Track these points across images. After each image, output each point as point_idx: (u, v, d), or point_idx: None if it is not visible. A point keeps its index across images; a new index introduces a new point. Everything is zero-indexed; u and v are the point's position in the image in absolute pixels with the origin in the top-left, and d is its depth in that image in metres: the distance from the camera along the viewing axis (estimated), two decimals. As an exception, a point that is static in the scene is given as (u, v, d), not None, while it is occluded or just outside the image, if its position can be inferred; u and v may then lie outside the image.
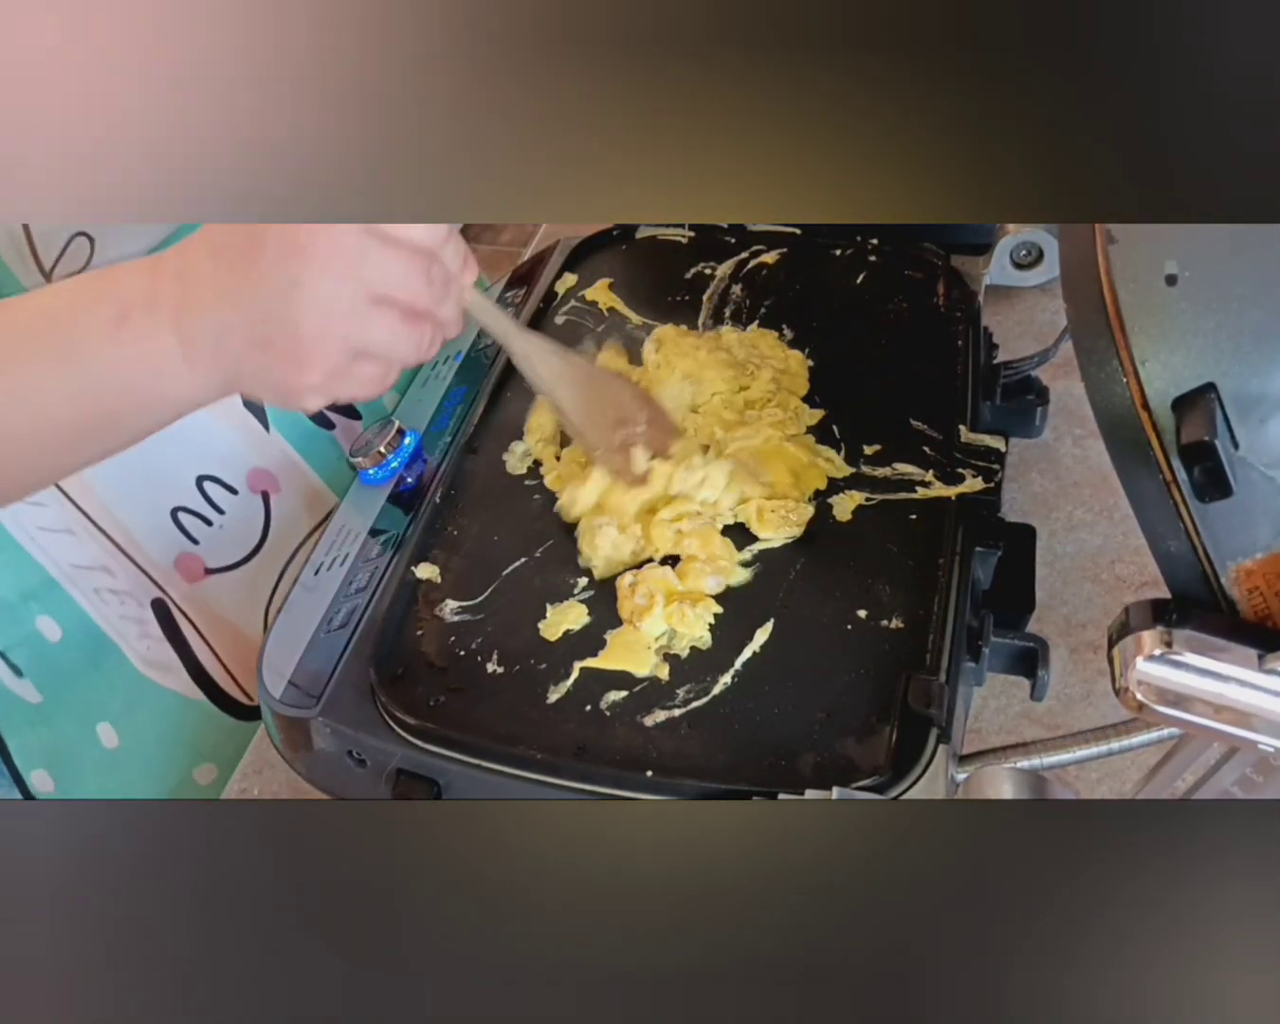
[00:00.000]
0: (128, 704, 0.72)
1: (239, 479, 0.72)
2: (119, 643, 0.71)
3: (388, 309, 0.49)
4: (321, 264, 0.47)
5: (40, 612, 0.69)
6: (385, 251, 0.48)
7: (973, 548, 0.59)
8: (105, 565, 0.70)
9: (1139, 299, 0.36)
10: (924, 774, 0.49)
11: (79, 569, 0.69)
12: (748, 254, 0.81)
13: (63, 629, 0.70)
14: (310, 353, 0.49)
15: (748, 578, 0.59)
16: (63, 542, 0.68)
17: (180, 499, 0.71)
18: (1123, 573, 0.70)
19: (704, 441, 0.65)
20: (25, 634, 0.69)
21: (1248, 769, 0.42)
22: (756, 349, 0.71)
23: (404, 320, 0.50)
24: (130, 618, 0.71)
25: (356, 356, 0.50)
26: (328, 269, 0.47)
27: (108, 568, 0.70)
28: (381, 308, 0.49)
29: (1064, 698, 0.64)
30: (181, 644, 0.73)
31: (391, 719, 0.55)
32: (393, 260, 0.48)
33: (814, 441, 0.65)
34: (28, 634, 0.69)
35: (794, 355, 0.71)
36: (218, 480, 0.71)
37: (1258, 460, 0.36)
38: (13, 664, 0.70)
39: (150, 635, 0.72)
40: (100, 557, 0.69)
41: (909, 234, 0.80)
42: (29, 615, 0.69)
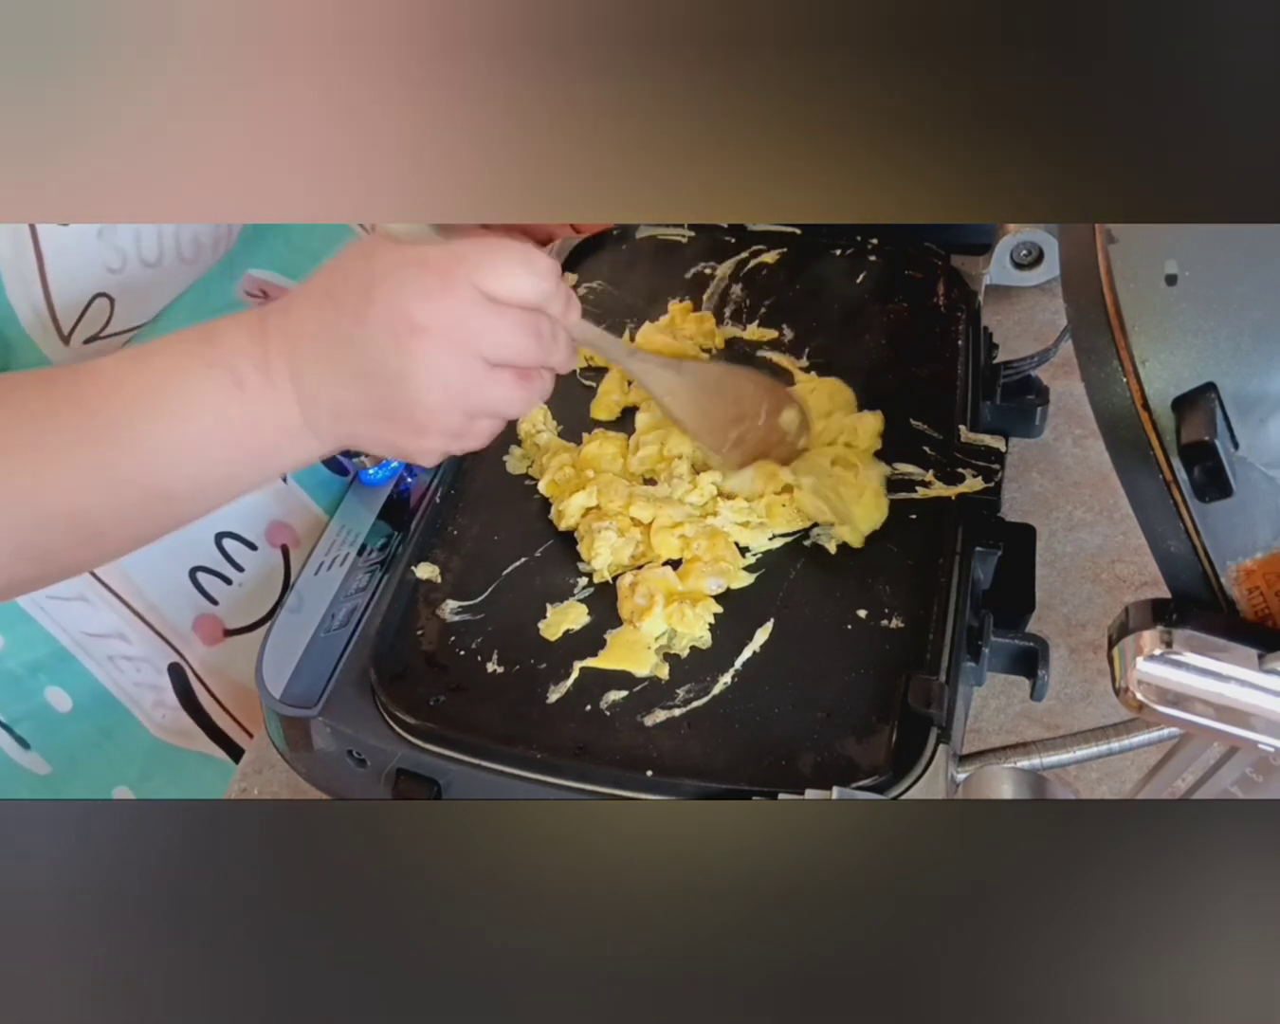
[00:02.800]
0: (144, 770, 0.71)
1: (258, 534, 0.70)
2: (133, 710, 0.70)
3: (503, 373, 0.49)
4: (435, 342, 0.47)
5: (49, 683, 0.68)
6: (497, 319, 0.48)
7: (973, 548, 0.59)
8: (121, 632, 0.68)
9: (1139, 299, 0.36)
10: (924, 774, 0.49)
11: (92, 637, 0.68)
12: (748, 254, 0.81)
13: (73, 699, 0.68)
14: (429, 423, 0.49)
15: (750, 581, 0.59)
16: (75, 610, 0.66)
17: (199, 559, 0.68)
18: (1123, 573, 0.70)
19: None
20: (33, 707, 0.68)
21: (1248, 769, 0.42)
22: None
23: (518, 380, 0.50)
24: (145, 684, 0.70)
25: (473, 418, 0.50)
26: (443, 346, 0.47)
27: (123, 634, 0.68)
28: (497, 373, 0.49)
29: (1064, 698, 0.64)
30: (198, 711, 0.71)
31: (391, 719, 0.55)
32: (504, 326, 0.48)
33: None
34: (36, 706, 0.68)
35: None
36: (237, 537, 0.69)
37: (1258, 460, 0.36)
38: (19, 737, 0.69)
39: (166, 704, 0.71)
40: (115, 624, 0.68)
41: (909, 234, 0.80)
42: (37, 687, 0.68)
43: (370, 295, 0.47)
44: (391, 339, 0.47)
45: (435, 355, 0.47)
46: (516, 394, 0.50)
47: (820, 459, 0.63)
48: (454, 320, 0.47)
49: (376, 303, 0.47)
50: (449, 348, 0.47)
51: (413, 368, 0.47)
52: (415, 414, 0.49)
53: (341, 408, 0.49)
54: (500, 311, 0.48)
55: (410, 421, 0.49)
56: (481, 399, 0.50)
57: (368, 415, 0.49)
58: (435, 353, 0.47)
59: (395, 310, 0.47)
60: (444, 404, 0.49)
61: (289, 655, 0.59)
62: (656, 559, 0.60)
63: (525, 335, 0.49)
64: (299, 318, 0.49)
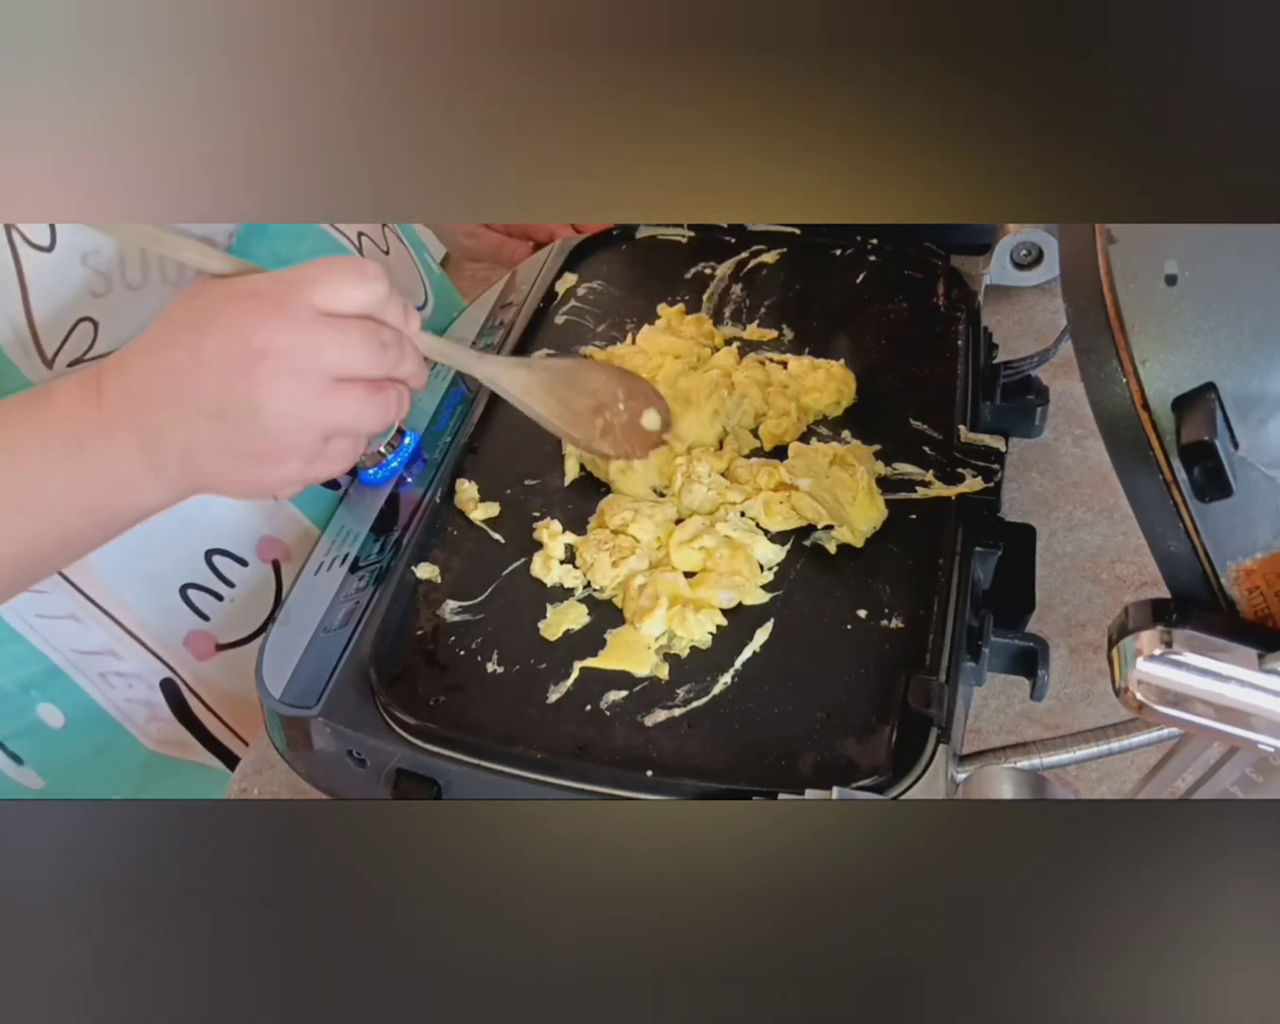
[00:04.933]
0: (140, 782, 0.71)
1: (249, 550, 0.69)
2: (127, 725, 0.70)
3: (350, 387, 0.49)
4: (277, 364, 0.47)
5: (41, 699, 0.68)
6: (337, 332, 0.48)
7: (973, 548, 0.59)
8: (112, 649, 0.68)
9: (1139, 299, 0.36)
10: (924, 774, 0.49)
11: (83, 655, 0.67)
12: (748, 254, 0.81)
13: (66, 715, 0.68)
14: (281, 450, 0.49)
15: (764, 600, 0.58)
16: (65, 628, 0.66)
17: (189, 576, 0.68)
18: (1123, 573, 0.70)
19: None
20: (26, 724, 0.68)
21: (1248, 769, 0.42)
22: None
23: (367, 393, 0.50)
24: (138, 700, 0.70)
25: (327, 439, 0.50)
26: (285, 367, 0.47)
27: (114, 651, 0.68)
28: (343, 387, 0.49)
29: (1064, 698, 0.64)
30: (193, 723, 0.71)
31: (391, 719, 0.55)
32: (345, 339, 0.48)
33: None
34: (29, 723, 0.68)
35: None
36: (227, 553, 0.69)
37: (1258, 460, 0.36)
38: (12, 753, 0.69)
39: (160, 718, 0.70)
40: (106, 641, 0.67)
41: (909, 234, 0.80)
42: (29, 704, 0.67)
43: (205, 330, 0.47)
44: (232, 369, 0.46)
45: (279, 378, 0.47)
46: (368, 408, 0.50)
47: (818, 459, 0.63)
48: (293, 340, 0.47)
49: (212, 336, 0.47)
50: (292, 369, 0.47)
51: (258, 394, 0.47)
52: (266, 442, 0.48)
53: (189, 449, 0.49)
54: (340, 325, 0.48)
55: (262, 451, 0.49)
56: (332, 417, 0.49)
57: (217, 452, 0.49)
58: (278, 376, 0.47)
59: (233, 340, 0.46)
60: (294, 427, 0.48)
61: (289, 656, 0.59)
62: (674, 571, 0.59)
63: (368, 347, 0.49)
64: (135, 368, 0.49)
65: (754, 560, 0.59)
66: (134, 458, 0.49)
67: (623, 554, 0.60)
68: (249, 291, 0.48)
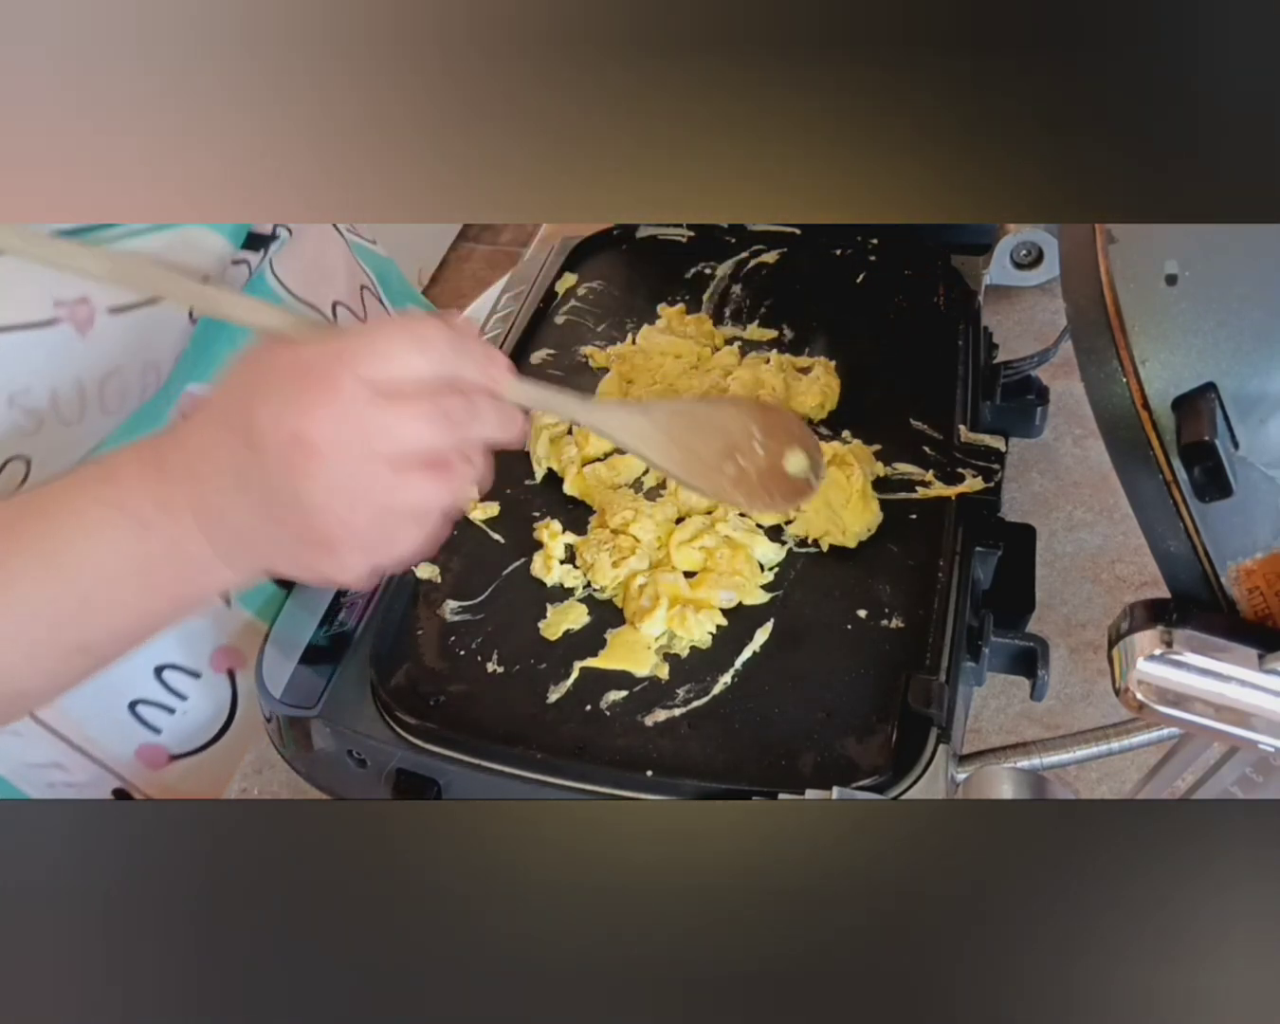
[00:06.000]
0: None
1: (201, 662, 0.65)
2: None
3: (410, 469, 0.44)
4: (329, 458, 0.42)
5: None
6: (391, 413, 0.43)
7: (973, 548, 0.59)
8: (59, 763, 0.65)
9: (1139, 299, 0.36)
10: (924, 774, 0.49)
11: (30, 767, 0.65)
12: (748, 254, 0.81)
13: None
14: (342, 543, 0.45)
15: (764, 600, 0.58)
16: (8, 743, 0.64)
17: (138, 692, 0.64)
18: (1123, 573, 0.70)
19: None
20: None
21: (1248, 769, 0.42)
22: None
23: (430, 472, 0.45)
24: None
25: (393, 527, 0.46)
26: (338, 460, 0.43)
27: (61, 764, 0.65)
28: (406, 473, 0.44)
29: (1064, 698, 0.64)
30: None
31: (391, 719, 0.55)
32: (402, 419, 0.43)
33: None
34: None
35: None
36: (178, 667, 0.65)
37: (1258, 460, 0.36)
38: None
39: None
40: (53, 755, 0.64)
41: (909, 234, 0.80)
42: None
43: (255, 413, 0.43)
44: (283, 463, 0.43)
45: (331, 473, 0.43)
46: (434, 489, 0.45)
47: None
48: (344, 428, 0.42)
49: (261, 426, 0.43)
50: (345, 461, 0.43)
51: (310, 490, 0.43)
52: (325, 537, 0.44)
53: (251, 537, 0.46)
54: (394, 404, 0.43)
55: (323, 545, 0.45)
56: (394, 505, 0.45)
57: (278, 542, 0.46)
58: (331, 470, 0.43)
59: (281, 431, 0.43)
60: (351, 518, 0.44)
61: (289, 655, 0.59)
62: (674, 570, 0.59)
63: (428, 422, 0.44)
64: (196, 446, 0.45)
65: (754, 560, 0.59)
66: (198, 542, 0.46)
67: (623, 554, 0.60)
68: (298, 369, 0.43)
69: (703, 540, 0.60)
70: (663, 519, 0.61)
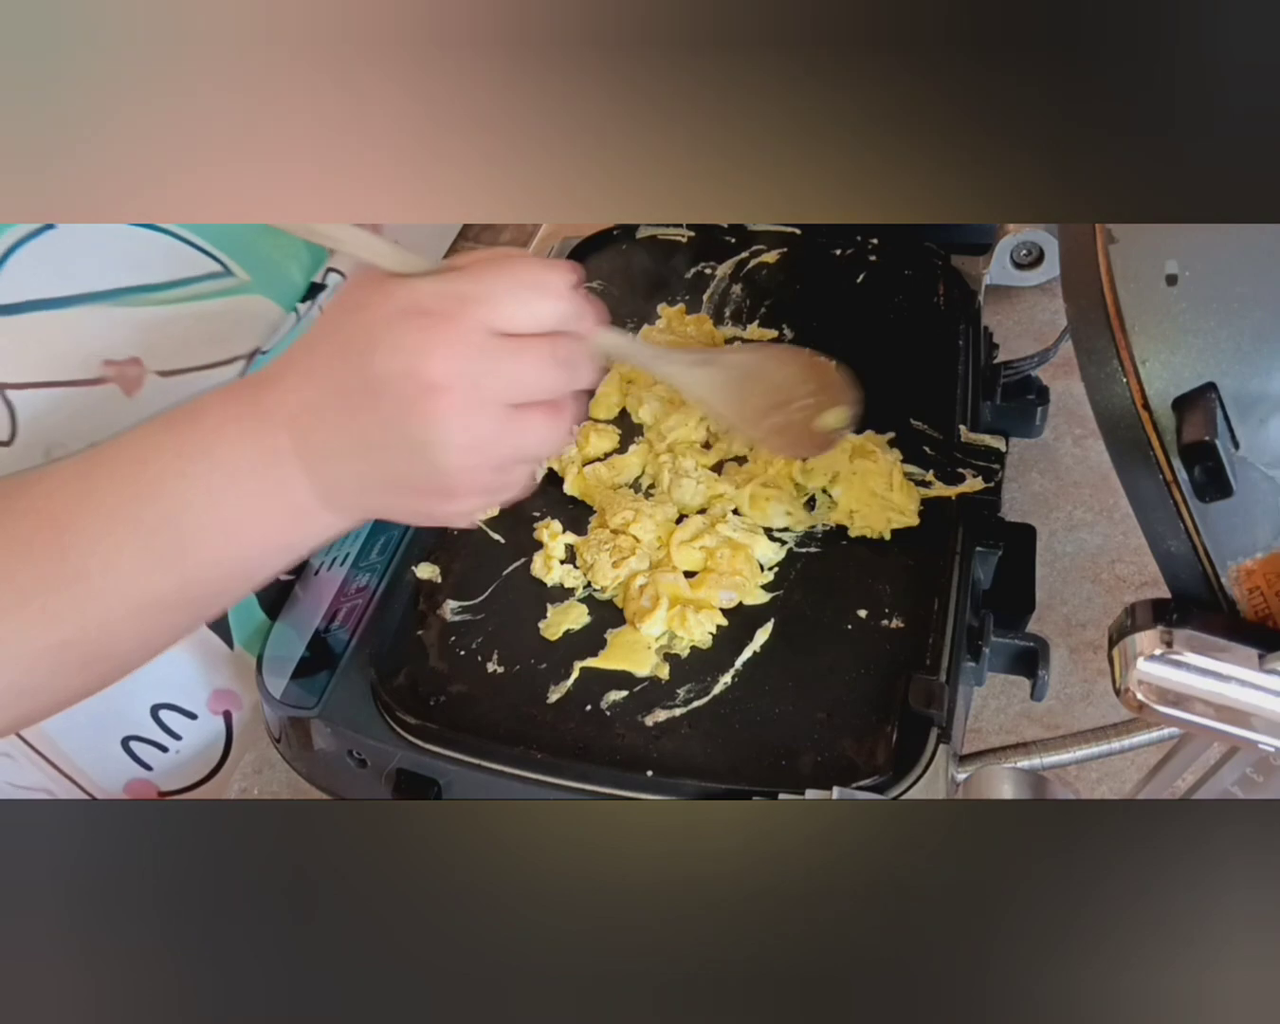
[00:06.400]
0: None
1: (199, 704, 0.65)
2: None
3: (528, 413, 0.44)
4: (453, 400, 0.42)
5: None
6: (517, 359, 0.43)
7: (973, 548, 0.59)
8: (46, 788, 0.64)
9: (1139, 299, 0.36)
10: (924, 774, 0.49)
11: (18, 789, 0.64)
12: (748, 254, 0.81)
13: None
14: (459, 486, 0.44)
15: (764, 600, 0.58)
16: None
17: (132, 729, 0.63)
18: (1123, 573, 0.70)
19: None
20: None
21: (1248, 769, 0.42)
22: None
23: (547, 417, 0.45)
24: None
25: (507, 469, 0.46)
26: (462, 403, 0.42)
27: (48, 789, 0.64)
28: (522, 415, 0.44)
29: (1064, 698, 0.64)
30: None
31: (391, 719, 0.55)
32: (526, 363, 0.43)
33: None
34: None
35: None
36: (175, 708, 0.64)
37: (1258, 460, 0.36)
38: None
39: None
40: (41, 780, 0.64)
41: (909, 234, 0.80)
42: None
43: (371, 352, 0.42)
44: (402, 403, 0.42)
45: (455, 416, 0.42)
46: (550, 432, 0.45)
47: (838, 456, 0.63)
48: (470, 371, 0.42)
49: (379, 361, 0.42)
50: (469, 403, 0.42)
51: (432, 434, 0.42)
52: (443, 480, 0.44)
53: (361, 481, 0.45)
54: (519, 348, 0.43)
55: (438, 488, 0.44)
56: (513, 448, 0.45)
57: (387, 486, 0.45)
58: (455, 413, 0.42)
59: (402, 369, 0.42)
60: (470, 464, 0.44)
61: (289, 655, 0.59)
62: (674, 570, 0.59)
63: (549, 369, 0.44)
64: (294, 387, 0.44)
65: (754, 560, 0.59)
66: (302, 485, 0.44)
67: (623, 554, 0.60)
68: (417, 308, 0.42)
69: (703, 540, 0.60)
70: (663, 519, 0.61)
